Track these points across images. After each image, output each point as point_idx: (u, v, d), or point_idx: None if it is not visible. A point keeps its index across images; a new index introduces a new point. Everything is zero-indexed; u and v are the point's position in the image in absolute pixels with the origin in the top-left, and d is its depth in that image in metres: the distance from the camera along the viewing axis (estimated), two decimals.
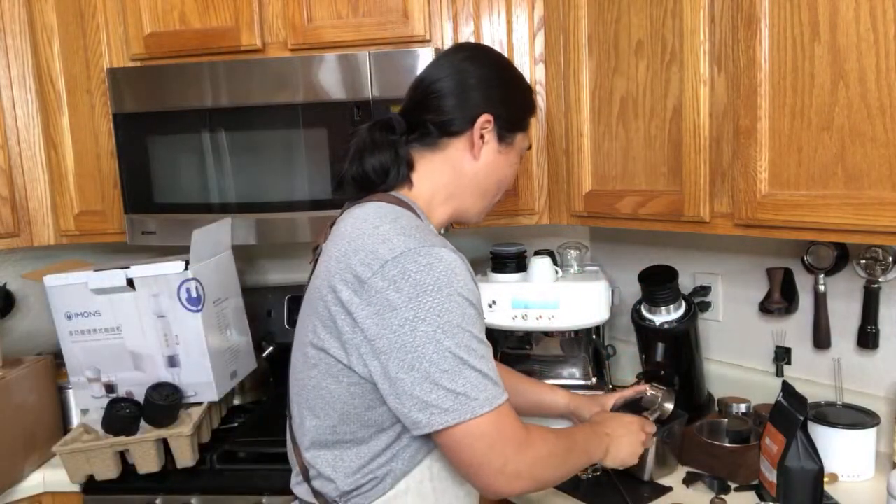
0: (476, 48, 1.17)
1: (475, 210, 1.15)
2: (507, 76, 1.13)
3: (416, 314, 0.89)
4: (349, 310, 0.93)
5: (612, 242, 2.00)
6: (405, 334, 0.89)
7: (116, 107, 1.71)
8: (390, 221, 0.97)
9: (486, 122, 1.07)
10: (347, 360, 0.95)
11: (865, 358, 1.47)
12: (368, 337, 0.92)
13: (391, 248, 0.92)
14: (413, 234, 0.95)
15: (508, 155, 1.13)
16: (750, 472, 1.34)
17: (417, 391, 0.90)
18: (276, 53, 1.69)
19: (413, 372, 0.90)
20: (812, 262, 1.49)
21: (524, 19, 1.65)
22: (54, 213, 1.86)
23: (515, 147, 1.14)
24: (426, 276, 0.90)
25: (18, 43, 1.79)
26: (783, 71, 1.18)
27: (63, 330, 1.58)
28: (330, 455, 1.01)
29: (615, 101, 1.51)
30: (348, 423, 0.99)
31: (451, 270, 0.92)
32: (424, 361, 0.89)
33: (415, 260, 0.91)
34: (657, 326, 1.58)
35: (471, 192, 1.12)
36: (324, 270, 0.98)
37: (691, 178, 1.35)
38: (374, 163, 1.05)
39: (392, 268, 0.91)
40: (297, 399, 1.06)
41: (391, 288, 0.90)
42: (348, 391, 0.97)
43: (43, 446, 1.65)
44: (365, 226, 0.98)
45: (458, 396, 0.90)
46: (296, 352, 1.07)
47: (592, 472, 1.42)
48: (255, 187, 1.67)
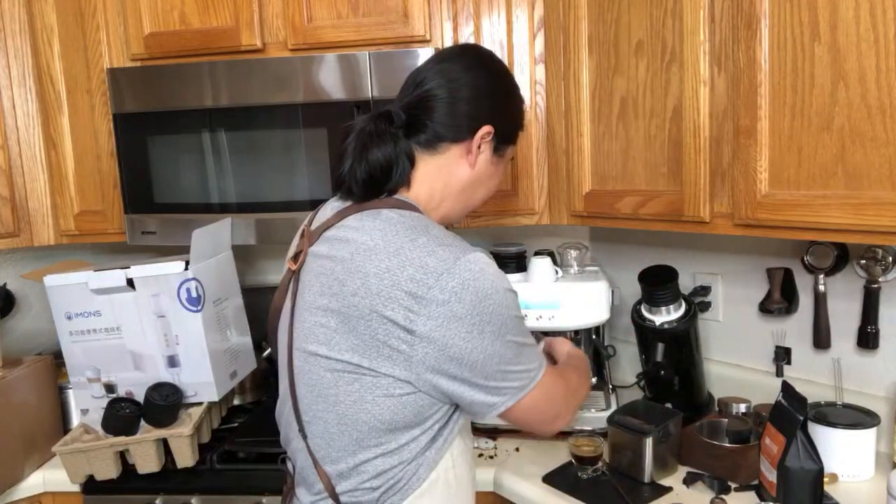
0: (481, 54, 1.14)
1: (457, 214, 1.15)
2: (511, 88, 1.15)
3: (482, 318, 0.94)
4: (407, 327, 0.93)
5: (612, 242, 2.00)
6: (474, 339, 0.94)
7: (116, 107, 1.71)
8: (423, 232, 0.97)
9: (488, 133, 1.08)
10: (408, 376, 0.95)
11: (865, 358, 1.47)
12: (438, 348, 0.93)
13: (441, 260, 0.93)
14: (451, 242, 0.97)
15: (498, 166, 1.15)
16: (750, 472, 1.34)
17: (492, 382, 0.97)
18: (276, 53, 1.69)
19: (487, 369, 0.96)
20: (812, 262, 1.49)
21: (524, 19, 1.65)
22: (54, 213, 1.86)
23: (505, 158, 1.16)
24: (482, 282, 0.94)
25: (18, 43, 1.79)
26: (783, 71, 1.18)
27: (63, 330, 1.58)
28: (370, 465, 1.00)
29: (615, 101, 1.51)
30: (394, 432, 0.99)
31: (495, 271, 0.97)
32: (495, 357, 0.96)
33: (468, 268, 0.94)
34: (657, 326, 1.58)
35: (458, 199, 1.12)
36: (361, 288, 0.95)
37: (691, 178, 1.35)
38: (378, 156, 1.02)
39: (449, 280, 0.92)
40: (324, 414, 1.01)
41: (454, 299, 0.92)
42: (399, 402, 0.97)
43: (43, 446, 1.65)
44: (400, 239, 0.96)
45: (523, 373, 1.00)
46: (311, 366, 1.02)
47: (592, 472, 1.42)
48: (255, 187, 1.67)
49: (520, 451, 1.58)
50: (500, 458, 1.56)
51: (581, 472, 1.43)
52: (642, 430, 1.40)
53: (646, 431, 1.39)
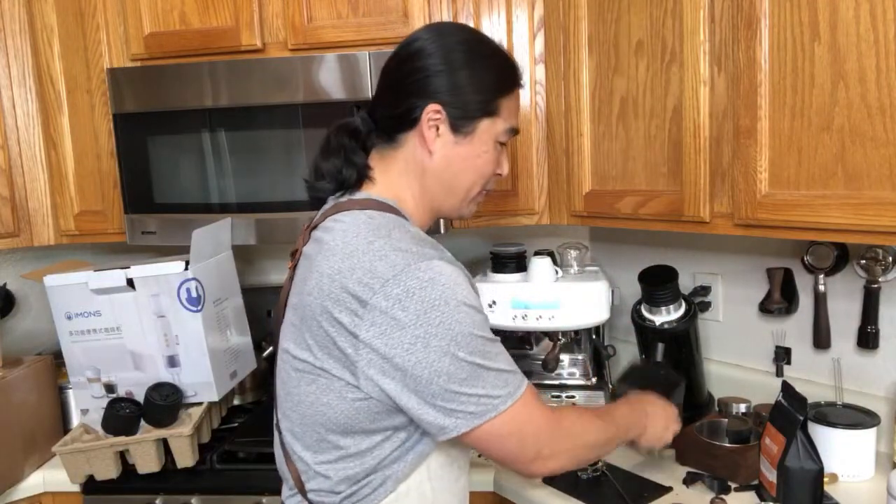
0: (431, 32, 1.05)
1: (449, 206, 1.08)
2: (462, 59, 1.02)
3: (427, 331, 0.89)
4: (352, 331, 0.91)
5: (612, 242, 2.00)
6: (418, 351, 0.89)
7: (116, 107, 1.71)
8: (384, 236, 0.94)
9: (435, 112, 1.01)
10: (355, 381, 0.93)
11: (865, 358, 1.47)
12: (381, 356, 0.91)
13: (391, 266, 0.90)
14: (408, 247, 0.93)
15: (472, 145, 1.04)
16: (750, 472, 1.34)
17: (440, 402, 0.91)
18: (276, 53, 1.69)
19: (432, 385, 0.90)
20: (812, 262, 1.49)
21: (524, 19, 1.65)
22: (54, 213, 1.86)
23: (479, 135, 1.03)
24: (430, 291, 0.89)
25: (18, 43, 1.79)
26: (783, 71, 1.18)
27: (63, 330, 1.58)
28: (331, 467, 0.99)
29: (615, 101, 1.50)
30: (351, 436, 0.97)
31: (452, 282, 0.91)
32: (442, 375, 0.90)
33: (416, 276, 0.90)
34: (657, 326, 1.58)
35: (438, 189, 1.05)
36: (315, 288, 0.95)
37: (691, 178, 1.35)
38: (327, 167, 1.05)
39: (394, 286, 0.89)
40: (290, 413, 1.02)
41: (397, 307, 0.89)
42: (353, 406, 0.95)
43: (43, 446, 1.65)
44: (358, 241, 0.94)
45: (481, 398, 0.92)
46: (283, 363, 1.04)
47: (592, 472, 1.42)
48: (255, 187, 1.67)
49: None
50: None
51: (581, 472, 1.43)
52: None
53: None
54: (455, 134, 1.02)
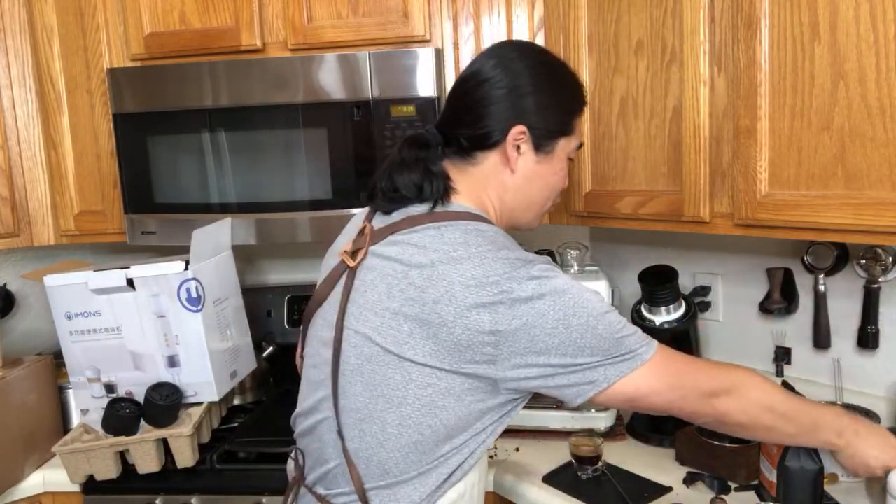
0: (510, 51, 1.09)
1: (526, 219, 1.15)
2: (543, 80, 1.08)
3: (566, 313, 0.95)
4: (493, 330, 0.94)
5: (612, 242, 2.00)
6: (560, 333, 0.95)
7: (116, 107, 1.71)
8: (501, 246, 1.00)
9: (520, 133, 1.05)
10: (500, 376, 0.97)
11: (865, 358, 1.47)
12: (526, 343, 0.95)
13: (518, 266, 0.96)
14: (522, 254, 1.00)
15: (550, 163, 1.10)
16: (750, 472, 1.34)
17: (582, 362, 0.97)
18: (276, 53, 1.69)
19: (578, 359, 0.96)
20: (812, 262, 1.49)
21: (524, 19, 1.65)
22: (54, 213, 1.86)
23: (557, 153, 1.10)
24: (555, 282, 0.96)
25: (18, 43, 1.79)
26: (783, 71, 1.18)
27: (63, 330, 1.58)
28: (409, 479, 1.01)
29: (615, 101, 1.51)
30: (451, 440, 1.00)
31: (565, 276, 0.99)
32: (586, 349, 0.96)
33: (540, 273, 0.96)
34: (657, 326, 1.58)
35: (517, 204, 1.11)
36: (445, 295, 0.95)
37: (691, 178, 1.35)
38: (404, 180, 1.05)
39: (526, 283, 0.95)
40: (382, 415, 1.00)
41: (534, 298, 0.94)
42: (468, 409, 0.99)
43: (43, 446, 1.65)
44: (481, 250, 0.98)
45: (626, 354, 0.98)
46: (376, 365, 1.00)
47: (592, 472, 1.42)
48: (255, 187, 1.67)
49: (520, 451, 1.58)
50: (500, 458, 1.56)
51: (581, 472, 1.43)
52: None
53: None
54: (537, 153, 1.08)
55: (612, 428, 1.61)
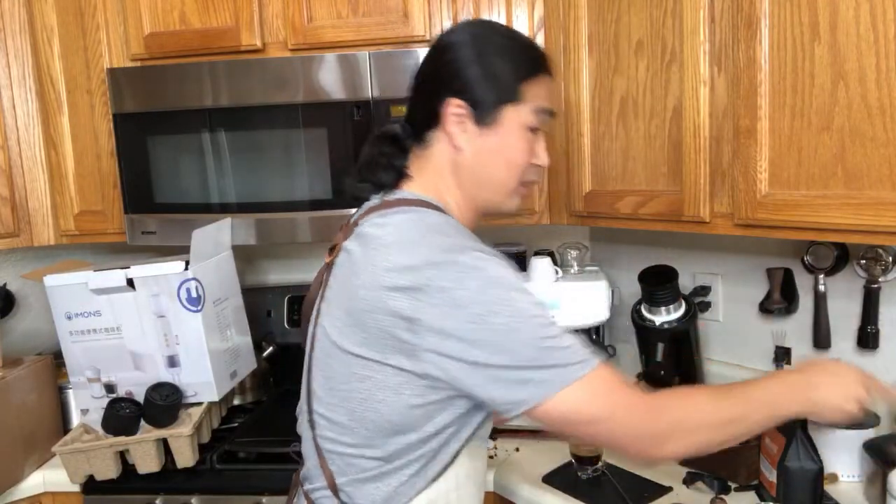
0: (449, 30, 1.08)
1: (488, 201, 1.07)
2: (477, 51, 1.01)
3: (488, 308, 0.90)
4: (411, 317, 0.91)
5: (612, 242, 2.00)
6: (480, 329, 0.90)
7: (116, 107, 1.71)
8: (437, 231, 0.97)
9: (456, 107, 1.00)
10: (416, 368, 0.93)
11: (865, 358, 1.47)
12: (443, 336, 0.91)
13: (446, 252, 0.92)
14: (462, 241, 0.96)
15: (498, 135, 1.02)
16: (750, 472, 1.34)
17: (506, 374, 0.90)
18: (276, 53, 1.69)
19: (497, 358, 0.90)
20: (812, 262, 1.49)
21: (524, 19, 1.65)
22: (54, 213, 1.86)
23: (505, 124, 1.02)
24: (484, 273, 0.92)
25: (18, 43, 1.79)
26: (783, 71, 1.18)
27: (63, 330, 1.58)
28: (370, 477, 1.00)
29: (615, 101, 1.50)
30: (400, 436, 0.98)
31: (503, 268, 0.94)
32: (506, 351, 0.90)
33: (470, 262, 0.92)
34: (657, 326, 1.58)
35: (473, 185, 1.05)
36: (369, 281, 0.94)
37: (691, 178, 1.35)
38: (368, 174, 1.07)
39: (451, 270, 0.91)
40: (337, 408, 1.01)
41: (456, 287, 0.90)
42: (408, 403, 0.95)
43: (43, 446, 1.65)
44: (412, 234, 0.96)
45: (552, 368, 0.90)
46: (328, 359, 1.02)
47: (592, 472, 1.42)
48: (254, 187, 1.67)
49: (520, 451, 1.58)
50: (500, 458, 1.56)
51: (581, 472, 1.43)
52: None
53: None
54: (479, 126, 1.01)
55: None
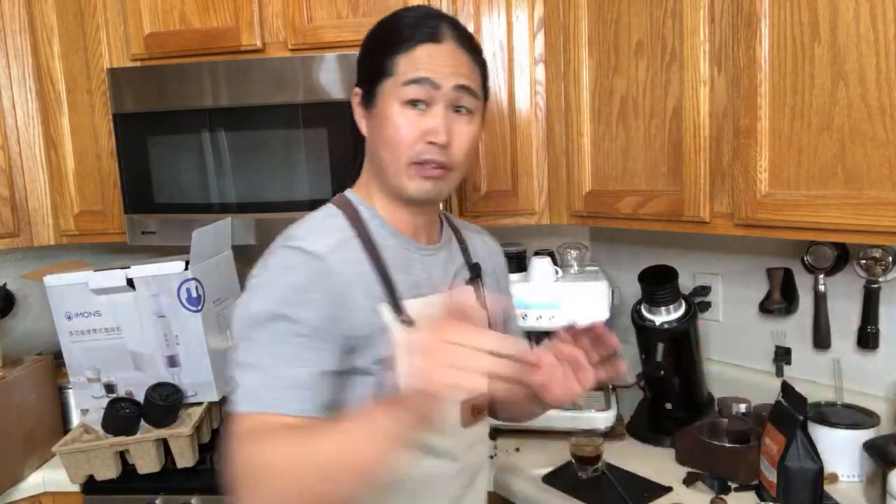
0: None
1: (394, 184, 0.99)
2: (369, 37, 1.03)
3: (239, 302, 0.93)
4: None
5: (612, 242, 2.00)
6: (233, 323, 0.93)
7: (116, 107, 1.71)
8: (297, 226, 0.99)
9: (355, 95, 1.03)
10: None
11: (865, 358, 1.47)
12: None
13: (273, 245, 0.96)
14: (293, 233, 0.96)
15: (377, 115, 0.98)
16: (750, 472, 1.34)
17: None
18: (276, 53, 1.69)
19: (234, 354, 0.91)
20: (812, 262, 1.49)
21: (524, 19, 1.65)
22: (54, 213, 1.86)
23: (380, 100, 0.98)
24: (258, 269, 0.93)
25: (18, 43, 1.79)
26: (783, 71, 1.18)
27: (63, 330, 1.58)
28: None
29: (615, 101, 1.50)
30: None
31: (280, 266, 0.93)
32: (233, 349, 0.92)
33: (277, 252, 0.94)
34: (657, 326, 1.58)
35: (374, 170, 1.03)
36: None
37: (691, 178, 1.35)
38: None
39: (260, 262, 0.95)
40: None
41: (247, 286, 0.93)
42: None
43: (43, 446, 1.65)
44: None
45: (235, 388, 0.87)
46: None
47: (592, 472, 1.42)
48: (255, 187, 1.67)
49: (520, 451, 1.58)
50: (500, 458, 1.56)
51: (581, 472, 1.43)
52: None
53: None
54: (366, 109, 1.01)
55: (612, 428, 1.61)
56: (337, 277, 0.92)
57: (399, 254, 1.02)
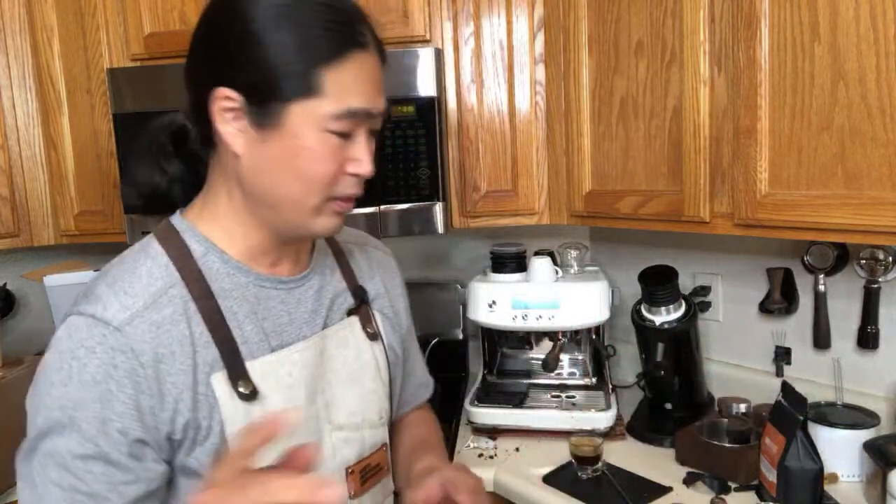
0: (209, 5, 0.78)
1: (285, 224, 0.80)
2: (245, 18, 0.73)
3: (35, 401, 0.78)
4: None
5: (612, 242, 2.00)
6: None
7: (116, 107, 1.71)
8: (107, 273, 0.81)
9: (224, 98, 0.74)
10: None
11: (865, 358, 1.47)
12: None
13: (76, 305, 0.78)
14: (94, 290, 0.77)
15: (283, 140, 0.74)
16: (750, 472, 1.34)
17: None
18: None
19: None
20: (812, 262, 1.49)
21: (524, 19, 1.65)
22: (54, 213, 1.86)
23: (291, 126, 0.73)
24: (53, 344, 0.76)
25: (18, 43, 1.79)
26: (783, 71, 1.18)
27: None
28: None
29: (615, 101, 1.50)
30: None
31: (67, 348, 0.74)
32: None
33: (60, 326, 0.76)
34: (657, 326, 1.58)
35: (260, 202, 0.78)
36: None
37: (691, 178, 1.35)
38: (152, 192, 0.89)
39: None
40: None
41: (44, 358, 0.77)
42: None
43: None
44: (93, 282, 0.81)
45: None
46: None
47: (592, 472, 1.42)
48: None
49: (520, 451, 1.58)
50: (500, 458, 1.56)
51: (581, 472, 1.43)
52: None
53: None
54: (256, 126, 0.74)
55: (612, 428, 1.61)
56: (143, 355, 0.72)
57: (247, 296, 0.81)
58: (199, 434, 0.75)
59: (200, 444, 0.76)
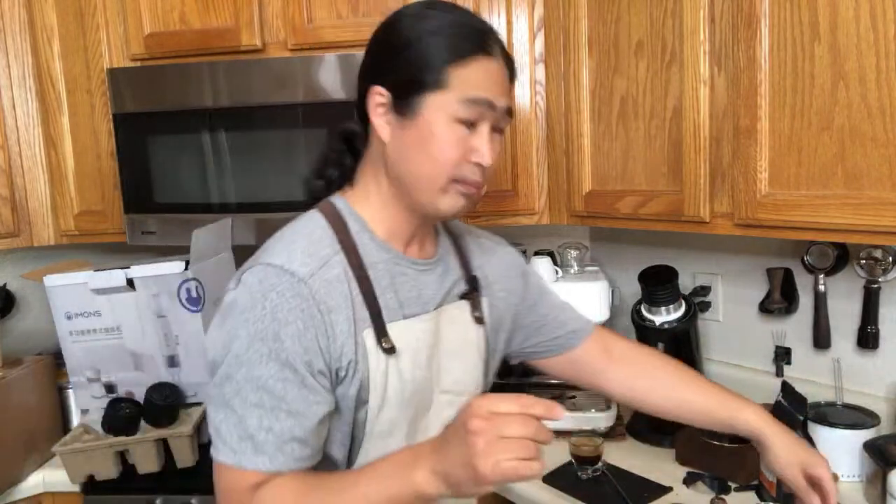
0: (397, 11, 0.96)
1: (418, 201, 0.94)
2: (407, 32, 0.91)
3: (222, 339, 0.87)
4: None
5: (612, 242, 2.00)
6: (215, 350, 0.88)
7: (116, 107, 1.71)
8: (278, 239, 0.93)
9: (377, 94, 0.92)
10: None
11: (865, 358, 1.47)
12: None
13: (251, 263, 0.89)
14: (274, 247, 0.90)
15: (418, 127, 0.90)
16: (750, 472, 1.34)
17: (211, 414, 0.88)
18: (276, 53, 1.69)
19: (210, 391, 0.89)
20: (812, 262, 1.49)
21: (524, 19, 1.65)
22: (54, 213, 1.86)
23: (425, 114, 0.89)
24: (237, 292, 0.87)
25: (18, 43, 1.79)
26: (783, 71, 1.18)
27: (63, 330, 1.58)
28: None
29: (615, 101, 1.51)
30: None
31: (258, 292, 0.85)
32: (214, 384, 0.87)
33: (244, 276, 0.87)
34: (657, 326, 1.58)
35: (401, 182, 0.94)
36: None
37: (691, 178, 1.35)
38: (323, 172, 1.03)
39: (233, 282, 0.89)
40: None
41: (221, 311, 0.88)
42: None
43: (43, 446, 1.65)
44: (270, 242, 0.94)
45: (217, 433, 0.86)
46: None
47: (592, 472, 1.42)
48: (255, 187, 1.67)
49: None
50: None
51: (581, 472, 1.43)
52: None
53: None
54: (398, 116, 0.91)
55: (612, 428, 1.61)
56: (321, 304, 0.86)
57: (388, 270, 0.95)
58: (352, 373, 0.90)
59: (349, 382, 0.90)
